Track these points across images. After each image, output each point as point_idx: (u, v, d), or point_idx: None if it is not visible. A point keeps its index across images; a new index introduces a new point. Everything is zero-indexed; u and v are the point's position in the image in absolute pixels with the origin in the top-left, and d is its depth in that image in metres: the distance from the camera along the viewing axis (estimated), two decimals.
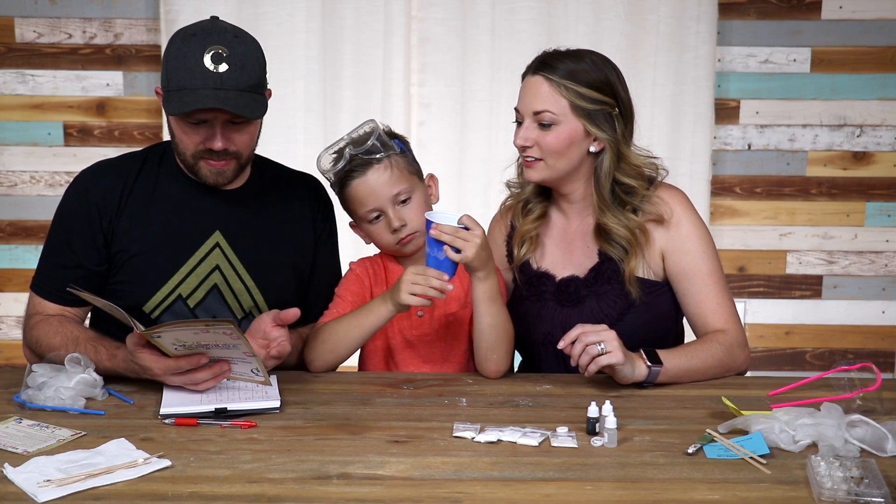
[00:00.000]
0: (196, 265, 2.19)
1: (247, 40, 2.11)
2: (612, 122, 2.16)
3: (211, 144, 2.11)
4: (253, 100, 2.08)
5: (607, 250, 2.20)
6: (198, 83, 2.04)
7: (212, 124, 2.09)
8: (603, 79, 2.16)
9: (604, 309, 2.20)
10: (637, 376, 2.05)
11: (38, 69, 3.78)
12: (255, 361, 1.95)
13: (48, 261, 2.24)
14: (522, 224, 2.28)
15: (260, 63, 2.12)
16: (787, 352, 3.94)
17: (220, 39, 2.06)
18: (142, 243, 2.18)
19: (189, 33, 2.10)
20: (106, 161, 2.31)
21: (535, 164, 2.18)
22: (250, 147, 2.19)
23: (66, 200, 2.24)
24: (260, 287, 2.23)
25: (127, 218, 2.19)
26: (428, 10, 3.69)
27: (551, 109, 2.14)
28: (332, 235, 2.36)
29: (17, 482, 1.62)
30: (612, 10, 3.65)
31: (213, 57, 2.04)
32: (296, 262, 2.28)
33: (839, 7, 3.71)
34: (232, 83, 2.05)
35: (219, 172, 2.16)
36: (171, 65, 2.08)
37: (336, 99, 3.72)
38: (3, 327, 3.97)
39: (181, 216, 2.21)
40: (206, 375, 1.95)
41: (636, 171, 2.20)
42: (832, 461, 1.65)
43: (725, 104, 3.78)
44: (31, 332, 2.20)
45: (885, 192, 3.84)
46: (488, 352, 2.13)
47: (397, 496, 1.60)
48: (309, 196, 2.34)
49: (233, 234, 2.22)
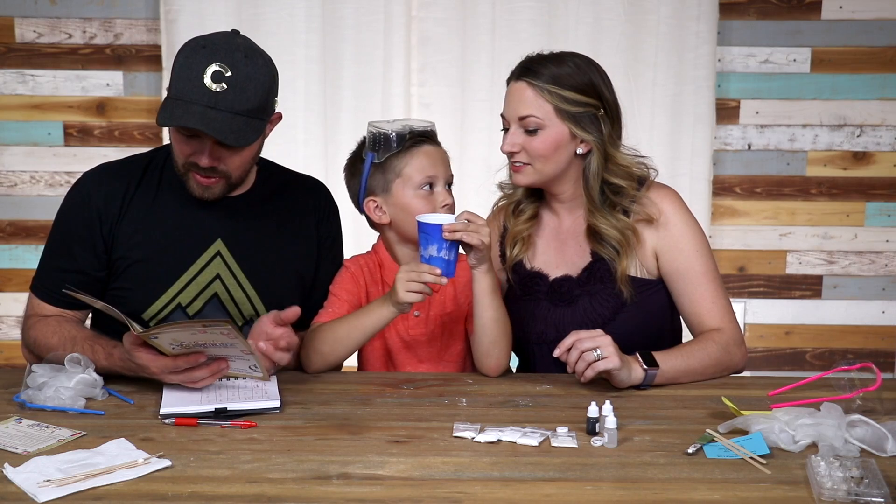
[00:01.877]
0: (196, 274, 2.18)
1: (257, 63, 2.06)
2: (597, 123, 2.16)
3: (197, 160, 2.08)
4: (246, 125, 2.04)
5: (599, 251, 2.21)
6: (193, 97, 2.01)
7: (202, 140, 2.07)
8: (586, 81, 2.16)
9: (597, 308, 2.20)
10: (634, 380, 2.05)
11: (38, 69, 3.78)
12: (252, 358, 1.95)
13: (48, 263, 2.23)
14: (514, 225, 2.29)
15: (265, 87, 2.06)
16: (787, 352, 3.94)
17: (227, 58, 2.02)
18: (142, 250, 2.17)
19: (200, 44, 2.06)
20: (109, 164, 2.28)
21: (523, 169, 2.19)
22: (241, 168, 2.15)
23: (67, 203, 2.23)
24: (261, 296, 2.21)
25: (128, 224, 2.18)
26: (428, 10, 3.69)
27: (536, 114, 2.15)
28: (336, 241, 2.35)
29: (17, 482, 1.62)
30: (612, 10, 3.65)
31: (213, 75, 2.01)
32: (298, 269, 2.27)
33: (839, 7, 3.71)
34: (226, 105, 2.01)
35: (205, 188, 2.14)
36: (175, 72, 2.05)
37: (336, 99, 3.72)
38: (2, 327, 3.97)
39: (183, 223, 2.19)
40: (204, 374, 1.95)
41: (625, 172, 2.20)
42: (832, 461, 1.65)
43: (725, 104, 3.78)
44: (29, 333, 2.19)
45: (885, 192, 3.84)
46: (490, 347, 2.13)
47: (397, 496, 1.60)
48: (314, 200, 2.32)
49: (234, 243, 2.20)
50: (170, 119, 2.02)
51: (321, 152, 3.72)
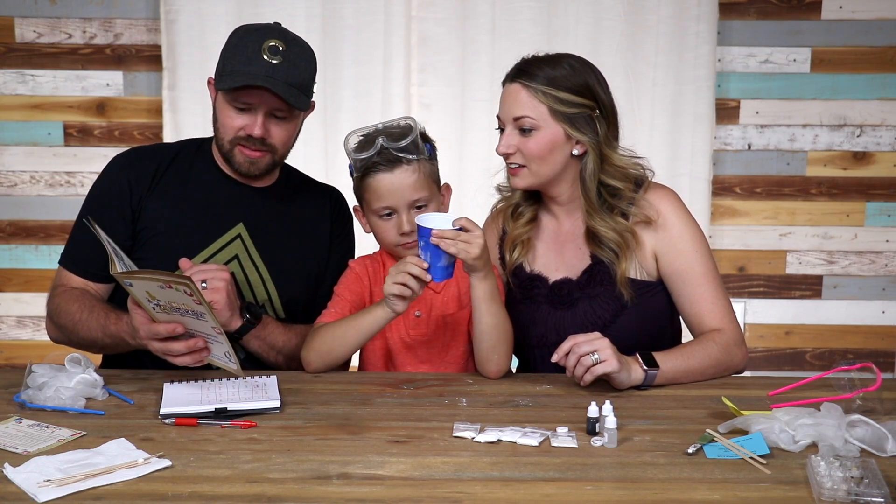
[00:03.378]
0: (216, 251, 2.26)
1: (305, 47, 2.25)
2: (593, 124, 2.16)
3: (250, 130, 2.20)
4: (298, 94, 2.18)
5: (598, 254, 2.20)
6: (251, 69, 2.15)
7: (255, 111, 2.19)
8: (581, 82, 2.16)
9: (597, 311, 2.20)
10: (634, 381, 2.05)
11: (38, 69, 3.78)
12: (225, 343, 1.98)
13: (77, 234, 2.32)
14: (513, 228, 2.29)
15: (312, 66, 2.24)
16: (787, 352, 3.94)
17: (281, 36, 2.20)
18: (166, 223, 2.26)
19: (252, 28, 2.23)
20: (141, 147, 2.46)
21: (520, 172, 2.19)
22: (286, 144, 2.27)
23: (100, 179, 2.35)
24: (275, 281, 2.29)
25: (157, 198, 2.28)
26: (428, 10, 3.69)
27: (530, 115, 2.15)
28: (346, 246, 2.41)
29: (17, 482, 1.62)
30: (612, 10, 3.65)
31: (270, 49, 2.16)
32: (310, 266, 2.34)
33: (839, 7, 3.71)
34: (282, 75, 2.16)
35: (252, 162, 2.24)
36: (229, 52, 2.19)
37: (336, 99, 3.72)
38: (2, 327, 3.97)
39: (208, 204, 2.29)
40: (182, 347, 2.00)
41: (621, 173, 2.20)
42: (832, 461, 1.65)
43: (725, 104, 3.78)
44: (52, 301, 2.28)
45: (885, 192, 3.84)
46: (489, 352, 2.13)
47: (397, 496, 1.60)
48: (330, 207, 2.40)
49: (255, 228, 2.29)
50: (233, 82, 2.16)
51: (321, 152, 3.72)
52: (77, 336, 2.22)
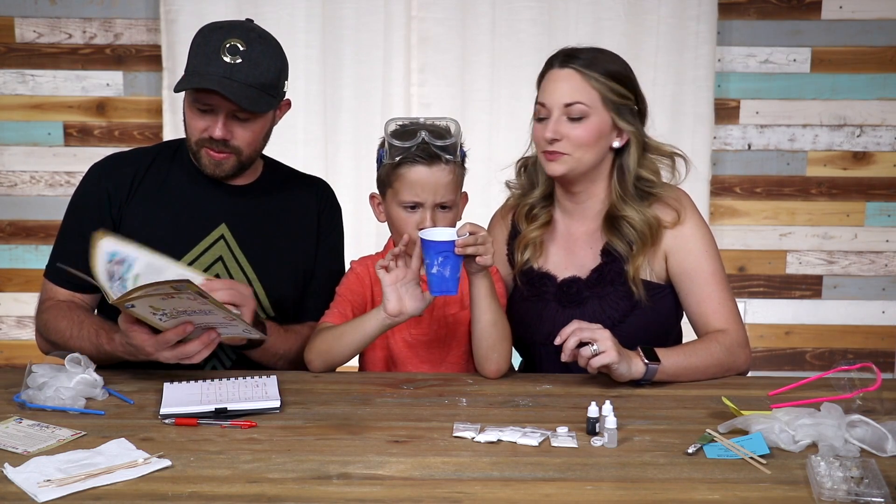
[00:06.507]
0: (199, 255, 2.23)
1: (271, 43, 2.18)
2: (635, 116, 2.19)
3: (211, 132, 2.17)
4: (258, 96, 2.13)
5: (615, 244, 2.20)
6: (209, 70, 2.11)
7: (216, 113, 2.15)
8: (626, 74, 2.20)
9: (606, 310, 2.20)
10: (634, 374, 2.05)
11: (38, 69, 3.78)
12: (241, 323, 1.98)
13: (60, 248, 2.29)
14: (528, 231, 2.28)
15: (277, 66, 2.17)
16: (787, 352, 3.94)
17: (242, 35, 2.14)
18: (148, 230, 2.22)
19: (217, 26, 2.18)
20: (119, 153, 2.39)
21: (561, 158, 2.17)
22: (252, 146, 2.22)
23: (79, 189, 2.32)
24: (262, 280, 2.26)
25: (136, 205, 2.25)
26: (428, 9, 3.69)
27: (584, 101, 2.15)
28: (336, 239, 2.39)
29: (17, 482, 1.62)
30: (612, 10, 3.65)
31: (229, 48, 2.12)
32: (297, 261, 2.31)
33: (839, 7, 3.71)
34: (241, 76, 2.11)
35: (217, 164, 2.21)
36: (192, 51, 2.16)
37: (336, 99, 3.72)
38: (2, 327, 3.97)
39: (188, 207, 2.26)
40: (197, 347, 1.98)
41: (654, 168, 2.23)
42: (832, 461, 1.65)
43: (725, 104, 3.78)
44: (41, 317, 2.26)
45: (885, 192, 3.84)
46: (489, 351, 2.13)
47: (397, 496, 1.60)
48: (317, 198, 2.37)
49: (238, 228, 2.26)
50: (186, 83, 2.12)
51: (321, 152, 3.72)
52: (70, 351, 2.19)
